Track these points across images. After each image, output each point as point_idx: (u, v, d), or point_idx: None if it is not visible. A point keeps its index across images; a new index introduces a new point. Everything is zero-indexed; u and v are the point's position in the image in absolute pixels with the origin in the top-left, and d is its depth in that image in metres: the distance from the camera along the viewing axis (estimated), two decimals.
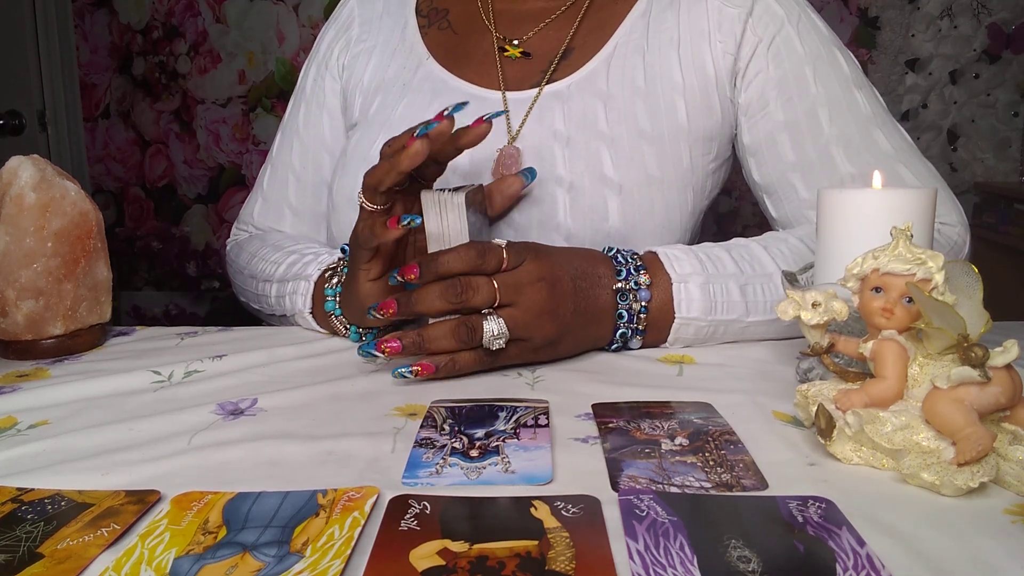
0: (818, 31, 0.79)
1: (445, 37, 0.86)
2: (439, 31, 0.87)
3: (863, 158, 0.74)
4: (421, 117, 0.79)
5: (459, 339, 0.58)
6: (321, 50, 0.93)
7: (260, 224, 0.93)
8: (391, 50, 0.87)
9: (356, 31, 0.91)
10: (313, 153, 0.91)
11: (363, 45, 0.89)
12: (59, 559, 0.35)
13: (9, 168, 0.67)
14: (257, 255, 0.83)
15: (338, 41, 0.91)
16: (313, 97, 0.92)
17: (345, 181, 0.81)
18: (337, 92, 0.90)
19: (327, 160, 0.90)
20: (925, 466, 0.41)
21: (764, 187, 0.80)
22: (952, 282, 0.44)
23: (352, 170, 0.81)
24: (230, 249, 0.93)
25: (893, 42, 2.23)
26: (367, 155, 0.80)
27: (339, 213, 0.82)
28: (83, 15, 2.45)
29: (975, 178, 2.27)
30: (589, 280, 0.62)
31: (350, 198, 0.80)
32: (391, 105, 0.83)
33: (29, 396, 0.57)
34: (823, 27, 0.80)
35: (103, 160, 2.53)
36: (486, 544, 0.35)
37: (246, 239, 0.92)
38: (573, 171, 0.74)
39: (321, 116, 0.91)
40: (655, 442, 0.47)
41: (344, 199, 0.81)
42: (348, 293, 0.66)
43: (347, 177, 0.81)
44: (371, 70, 0.87)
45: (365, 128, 0.83)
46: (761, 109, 0.78)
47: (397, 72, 0.85)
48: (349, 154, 0.83)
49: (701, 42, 0.78)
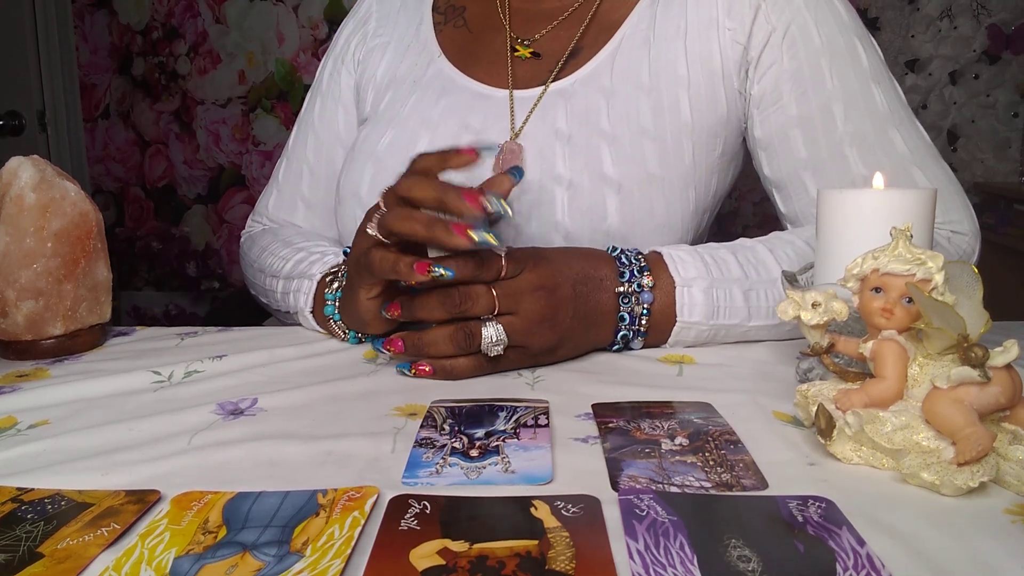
0: (837, 17, 0.75)
1: (459, 35, 0.86)
2: (454, 29, 0.87)
3: (877, 158, 0.72)
4: (428, 114, 0.80)
5: (457, 345, 0.58)
6: (339, 44, 0.94)
7: (274, 216, 0.94)
8: (405, 46, 0.88)
9: (373, 26, 0.92)
10: (327, 147, 0.91)
11: (378, 40, 0.90)
12: (59, 559, 0.35)
13: (9, 168, 0.67)
14: (267, 249, 0.83)
15: (355, 35, 0.92)
16: (329, 91, 0.92)
17: (351, 175, 0.81)
18: (352, 86, 0.91)
19: (340, 154, 0.90)
20: (925, 466, 0.41)
21: (774, 182, 0.78)
22: (952, 282, 0.44)
23: (358, 164, 0.81)
24: (244, 242, 0.94)
25: (893, 43, 2.23)
26: (374, 150, 0.81)
27: (344, 207, 0.82)
28: (83, 15, 2.45)
29: (975, 178, 2.27)
30: (591, 284, 0.62)
31: (355, 192, 0.80)
32: (400, 101, 0.83)
33: (29, 396, 0.57)
34: (846, 14, 0.76)
35: (103, 160, 2.53)
36: (486, 544, 0.35)
37: (259, 232, 0.92)
38: (572, 169, 0.73)
39: (336, 110, 0.91)
40: (655, 442, 0.47)
41: (349, 192, 0.81)
42: (347, 302, 0.66)
43: (353, 171, 0.81)
44: (384, 65, 0.88)
45: (374, 123, 0.84)
46: (774, 102, 0.75)
47: (409, 68, 0.86)
48: (357, 148, 0.83)
49: (709, 30, 0.76)
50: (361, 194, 0.80)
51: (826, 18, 0.75)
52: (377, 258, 0.58)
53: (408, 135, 0.80)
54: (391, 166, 0.78)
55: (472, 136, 0.78)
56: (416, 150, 0.78)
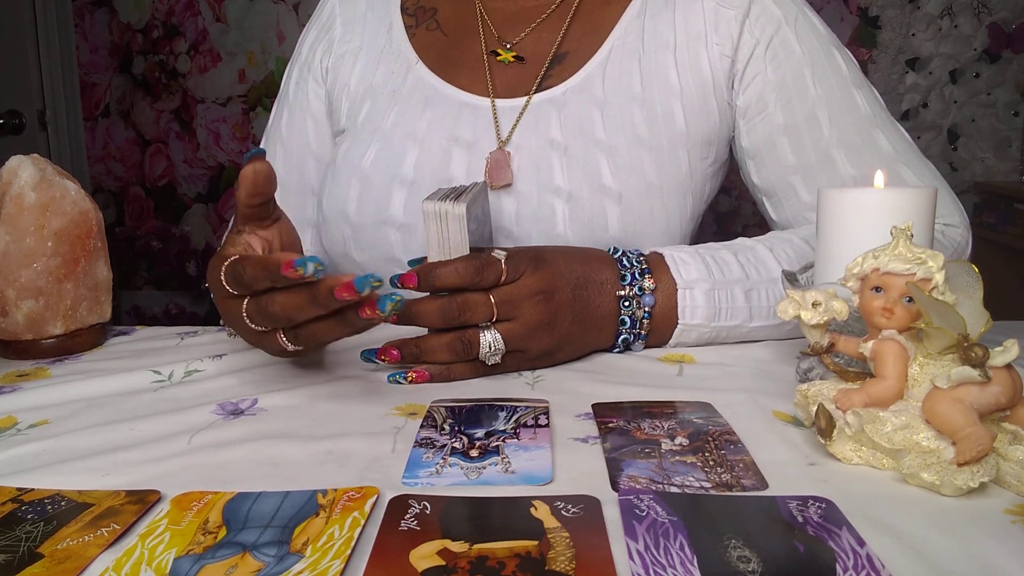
0: (816, 31, 0.78)
1: (434, 39, 0.83)
2: (428, 32, 0.84)
3: (864, 159, 0.74)
4: (413, 126, 0.78)
5: (455, 353, 0.58)
6: (303, 52, 0.90)
7: None
8: (377, 52, 0.84)
9: (339, 31, 0.87)
10: (297, 159, 0.88)
11: (347, 46, 0.86)
12: (59, 559, 0.35)
13: (9, 168, 0.67)
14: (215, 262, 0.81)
15: (320, 43, 0.88)
16: (296, 102, 0.89)
17: (336, 192, 0.79)
18: (321, 96, 0.87)
19: (312, 165, 0.88)
20: (925, 466, 0.41)
21: (764, 190, 0.80)
22: (952, 282, 0.44)
23: (342, 181, 0.79)
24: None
25: (893, 41, 2.23)
26: (358, 166, 0.78)
27: (330, 225, 0.80)
28: (83, 14, 2.45)
29: (975, 178, 2.27)
30: (591, 288, 0.62)
31: (341, 210, 0.78)
32: (381, 113, 0.80)
33: (29, 396, 0.57)
34: (821, 27, 0.79)
35: (103, 159, 2.53)
36: (486, 544, 0.35)
37: None
38: (572, 181, 0.73)
39: (305, 121, 0.88)
40: (655, 442, 0.47)
41: (335, 211, 0.79)
42: (230, 315, 0.57)
43: (337, 188, 0.79)
44: (358, 74, 0.84)
45: (355, 136, 0.81)
46: (760, 112, 0.77)
47: (385, 77, 0.82)
48: (339, 164, 0.80)
49: (697, 45, 0.77)
50: (348, 212, 0.77)
51: (805, 31, 0.77)
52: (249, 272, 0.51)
53: (394, 149, 0.77)
54: (377, 182, 0.76)
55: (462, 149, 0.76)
56: (403, 164, 0.76)
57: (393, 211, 0.75)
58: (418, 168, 0.76)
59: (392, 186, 0.76)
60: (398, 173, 0.76)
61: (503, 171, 0.74)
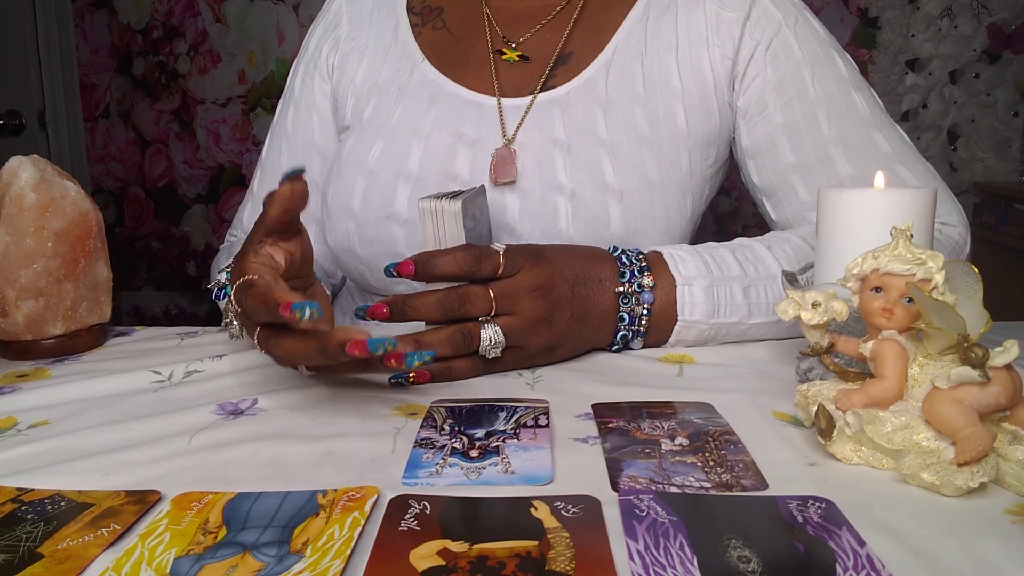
0: (815, 33, 0.79)
1: (440, 38, 0.84)
2: (433, 31, 0.85)
3: (863, 159, 0.74)
4: (418, 123, 0.79)
5: (455, 346, 0.58)
6: (309, 49, 0.91)
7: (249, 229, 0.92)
8: (383, 50, 0.85)
9: (345, 29, 0.88)
10: (302, 155, 0.89)
11: (353, 44, 0.87)
12: (59, 559, 0.35)
13: (9, 168, 0.67)
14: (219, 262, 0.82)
15: (326, 40, 0.89)
16: (302, 98, 0.90)
17: (341, 188, 0.80)
18: (327, 93, 0.88)
19: (317, 161, 0.88)
20: (925, 466, 0.41)
21: (763, 189, 0.80)
22: (952, 282, 0.44)
23: (348, 177, 0.79)
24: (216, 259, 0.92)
25: (893, 42, 2.23)
26: (364, 162, 0.79)
27: (334, 221, 0.81)
28: (83, 15, 2.45)
29: (975, 178, 2.27)
30: (589, 284, 0.62)
31: (346, 205, 0.79)
32: (387, 110, 0.81)
33: (29, 396, 0.57)
34: (820, 29, 0.80)
35: (103, 160, 2.53)
36: (486, 544, 0.35)
37: (226, 246, 0.91)
38: (574, 179, 0.74)
39: (310, 117, 0.89)
40: (655, 442, 0.47)
41: (340, 206, 0.79)
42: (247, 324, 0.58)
43: (343, 184, 0.79)
44: (363, 71, 0.85)
45: (360, 133, 0.82)
46: (760, 112, 0.78)
47: (391, 75, 0.83)
48: (344, 160, 0.81)
49: (699, 47, 0.78)
50: (353, 207, 0.78)
51: (805, 33, 0.78)
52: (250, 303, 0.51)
53: (399, 145, 0.78)
54: (382, 178, 0.77)
55: (467, 146, 0.77)
56: (408, 160, 0.77)
57: (397, 206, 0.76)
58: (423, 164, 0.76)
59: (397, 182, 0.76)
60: (403, 169, 0.77)
61: (508, 167, 0.74)
